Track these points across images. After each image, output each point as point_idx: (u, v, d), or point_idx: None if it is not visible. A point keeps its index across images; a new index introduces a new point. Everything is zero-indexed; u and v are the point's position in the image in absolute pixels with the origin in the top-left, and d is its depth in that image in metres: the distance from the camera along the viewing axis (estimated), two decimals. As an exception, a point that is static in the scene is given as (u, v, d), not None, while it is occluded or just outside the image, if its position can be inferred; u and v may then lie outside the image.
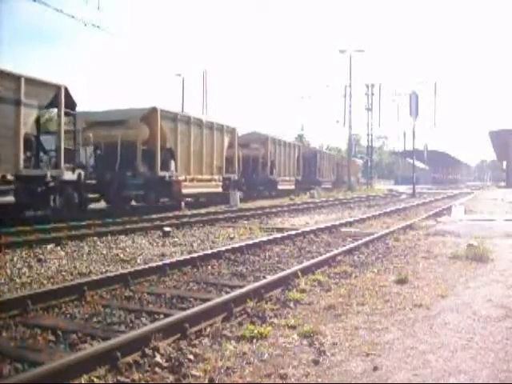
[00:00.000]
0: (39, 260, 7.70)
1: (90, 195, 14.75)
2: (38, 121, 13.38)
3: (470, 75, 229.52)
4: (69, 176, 13.46)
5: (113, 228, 11.57)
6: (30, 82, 12.19)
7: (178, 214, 15.82)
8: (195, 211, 17.15)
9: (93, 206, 16.08)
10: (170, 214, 15.62)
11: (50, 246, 8.94)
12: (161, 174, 16.81)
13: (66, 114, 13.66)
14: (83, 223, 12.02)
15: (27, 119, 12.18)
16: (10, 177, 11.51)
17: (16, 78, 11.76)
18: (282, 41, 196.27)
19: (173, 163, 17.69)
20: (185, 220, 13.73)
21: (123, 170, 16.08)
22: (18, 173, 11.81)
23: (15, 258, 7.78)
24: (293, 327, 4.22)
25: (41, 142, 13.40)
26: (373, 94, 46.34)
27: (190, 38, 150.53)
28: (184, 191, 18.04)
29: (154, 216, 14.69)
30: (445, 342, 3.84)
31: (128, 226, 11.82)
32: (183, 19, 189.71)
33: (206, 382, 3.17)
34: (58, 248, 8.85)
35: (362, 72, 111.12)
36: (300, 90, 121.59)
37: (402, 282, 5.88)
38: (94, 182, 14.81)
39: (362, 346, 3.76)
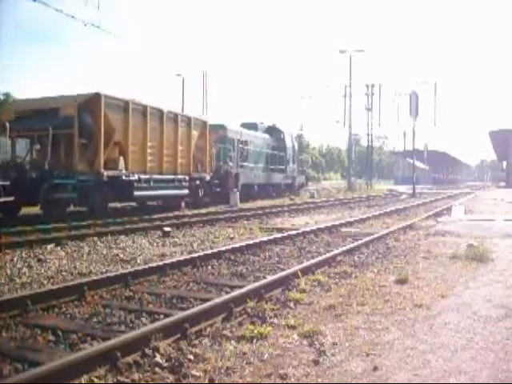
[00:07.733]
0: (39, 260, 7.70)
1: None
2: None
3: (470, 75, 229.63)
4: None
5: (113, 228, 11.57)
6: None
7: (178, 214, 15.83)
8: (195, 211, 17.15)
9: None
10: (170, 214, 15.63)
11: (50, 246, 8.93)
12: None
13: None
14: (83, 223, 12.02)
15: None
16: None
17: None
18: (283, 41, 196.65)
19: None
20: (185, 220, 13.74)
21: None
22: None
23: (15, 258, 7.77)
24: (293, 327, 4.21)
25: None
26: (373, 94, 46.32)
27: (190, 38, 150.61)
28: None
29: (154, 216, 14.70)
30: (445, 342, 3.84)
31: (128, 226, 11.84)
32: (183, 19, 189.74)
33: (206, 382, 3.17)
34: (58, 248, 8.85)
35: (362, 72, 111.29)
36: (300, 89, 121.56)
37: (402, 282, 5.88)
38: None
39: (362, 346, 3.76)
